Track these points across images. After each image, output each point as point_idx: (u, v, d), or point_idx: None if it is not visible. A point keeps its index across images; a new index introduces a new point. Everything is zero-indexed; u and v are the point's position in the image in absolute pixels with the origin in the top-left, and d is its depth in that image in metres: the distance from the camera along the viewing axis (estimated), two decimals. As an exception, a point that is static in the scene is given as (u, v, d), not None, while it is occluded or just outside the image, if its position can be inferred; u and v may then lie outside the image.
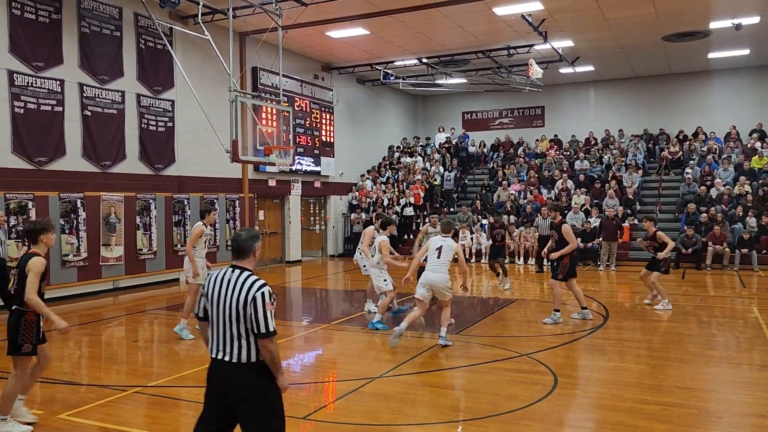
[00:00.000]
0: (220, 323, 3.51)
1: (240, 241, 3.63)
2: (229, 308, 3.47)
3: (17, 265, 5.16)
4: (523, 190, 20.51)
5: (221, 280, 3.56)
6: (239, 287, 3.47)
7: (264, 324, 3.41)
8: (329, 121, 20.68)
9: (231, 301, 3.46)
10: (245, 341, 3.46)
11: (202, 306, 3.67)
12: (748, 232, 16.03)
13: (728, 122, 21.39)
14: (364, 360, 7.74)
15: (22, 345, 5.02)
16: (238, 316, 3.45)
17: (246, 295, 3.44)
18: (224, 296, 3.49)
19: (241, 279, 3.50)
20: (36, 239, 5.15)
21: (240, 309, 3.44)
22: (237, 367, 3.46)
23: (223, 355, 3.50)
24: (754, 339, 8.38)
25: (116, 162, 13.37)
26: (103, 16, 13.04)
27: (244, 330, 3.45)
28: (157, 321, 10.34)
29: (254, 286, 3.45)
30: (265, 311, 3.42)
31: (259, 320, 3.41)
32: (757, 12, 15.23)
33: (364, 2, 13.92)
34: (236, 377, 3.47)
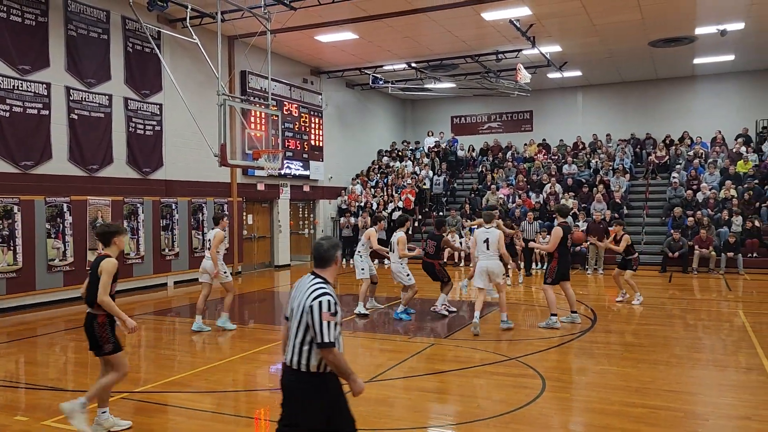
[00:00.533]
0: (291, 328, 3.55)
1: (322, 250, 3.62)
2: (297, 313, 3.50)
3: (89, 268, 5.16)
4: (512, 194, 20.59)
5: (299, 285, 3.61)
6: (304, 294, 3.49)
7: (320, 334, 3.38)
8: (318, 125, 20.67)
9: (299, 306, 3.50)
10: (305, 348, 3.45)
11: (289, 307, 3.70)
12: (733, 236, 16.18)
13: (714, 127, 21.62)
14: (352, 364, 7.70)
15: (103, 346, 5.16)
16: (300, 322, 3.47)
17: (305, 303, 3.46)
18: (297, 301, 3.53)
19: (308, 285, 3.52)
20: (109, 241, 5.26)
21: (301, 315, 3.47)
22: (293, 372, 3.49)
23: (286, 359, 3.55)
24: (740, 342, 8.45)
25: (103, 166, 13.28)
26: (90, 19, 12.97)
27: (303, 337, 3.46)
28: (145, 326, 10.26)
29: (313, 294, 3.44)
30: (321, 321, 3.38)
31: (315, 330, 3.39)
32: (742, 18, 15.42)
33: (353, 6, 13.94)
34: (289, 381, 3.51)
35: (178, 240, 14.95)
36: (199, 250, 15.54)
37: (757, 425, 5.31)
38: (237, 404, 6.23)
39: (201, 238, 15.62)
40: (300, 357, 3.45)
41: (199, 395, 6.33)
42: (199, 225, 15.60)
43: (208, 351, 8.50)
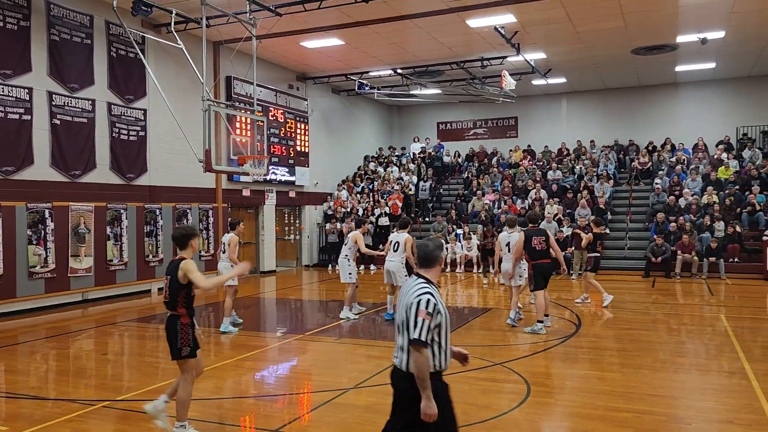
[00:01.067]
0: (398, 329, 3.54)
1: (428, 251, 3.63)
2: (402, 315, 3.50)
3: (167, 272, 5.23)
4: (498, 200, 20.69)
5: (404, 287, 3.63)
6: (409, 294, 3.50)
7: (412, 329, 3.37)
8: (304, 131, 20.64)
9: (403, 308, 3.50)
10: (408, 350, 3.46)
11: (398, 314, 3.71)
12: (715, 241, 16.37)
13: (695, 133, 21.89)
14: (338, 371, 7.69)
15: (181, 349, 5.20)
16: (404, 323, 3.47)
17: (407, 301, 3.47)
18: (402, 303, 3.54)
19: (413, 286, 3.53)
20: (186, 244, 5.31)
21: (406, 315, 3.46)
22: (403, 374, 3.47)
23: (395, 361, 3.54)
24: (723, 346, 8.54)
25: (86, 171, 13.15)
26: (73, 24, 12.87)
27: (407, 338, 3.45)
28: (128, 333, 10.16)
29: (416, 293, 3.45)
30: (416, 317, 3.38)
31: (410, 325, 3.39)
32: (722, 27, 15.65)
33: (339, 13, 13.97)
34: (400, 383, 3.50)
35: (162, 246, 14.83)
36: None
37: (739, 428, 5.37)
38: (221, 411, 6.17)
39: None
40: (409, 359, 3.45)
41: (182, 403, 6.26)
42: (184, 231, 15.47)
43: (192, 358, 8.42)
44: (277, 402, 6.35)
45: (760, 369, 7.21)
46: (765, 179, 18.70)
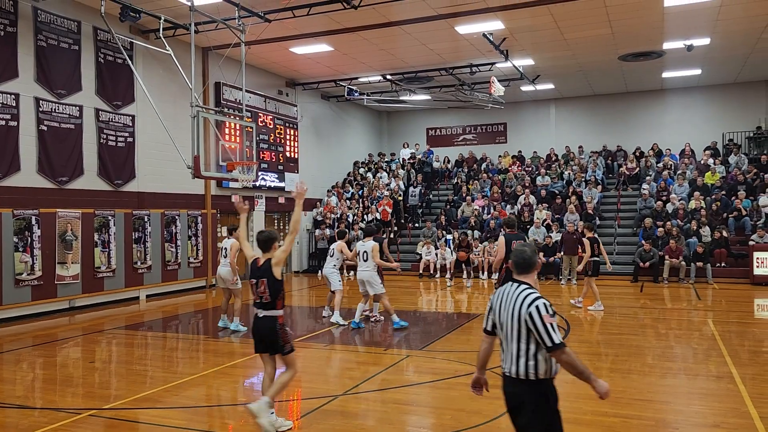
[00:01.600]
0: (506, 338, 3.53)
1: (526, 257, 3.63)
2: (510, 323, 3.49)
3: (259, 275, 5.48)
4: (487, 206, 20.76)
5: (504, 295, 3.59)
6: (516, 302, 3.49)
7: (547, 338, 3.37)
8: (293, 137, 20.63)
9: (511, 316, 3.49)
10: (529, 357, 3.44)
11: (490, 320, 3.68)
12: (702, 246, 16.50)
13: (682, 139, 22.09)
14: (327, 377, 7.68)
15: (285, 346, 5.50)
16: (519, 331, 3.46)
17: (520, 310, 3.45)
18: (506, 311, 3.52)
19: (517, 293, 3.52)
20: (270, 247, 5.69)
21: (518, 324, 3.46)
22: (519, 382, 3.47)
23: (507, 370, 3.52)
24: (710, 350, 8.60)
25: (73, 178, 13.07)
26: (60, 30, 12.80)
27: (525, 345, 3.45)
28: (116, 341, 10.08)
29: (527, 300, 3.45)
30: (544, 324, 3.38)
31: (541, 335, 3.38)
32: (708, 34, 15.83)
33: (328, 19, 13.99)
34: (515, 392, 3.50)
35: (151, 253, 14.75)
36: (172, 262, 15.36)
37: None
38: (210, 420, 6.14)
39: (174, 250, 15.43)
40: (526, 367, 3.45)
41: (171, 411, 6.23)
42: (173, 237, 15.41)
43: (180, 366, 8.38)
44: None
45: (747, 373, 7.27)
46: (751, 184, 18.90)
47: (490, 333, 3.71)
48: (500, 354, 3.61)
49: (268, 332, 5.48)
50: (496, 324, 3.63)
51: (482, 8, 13.55)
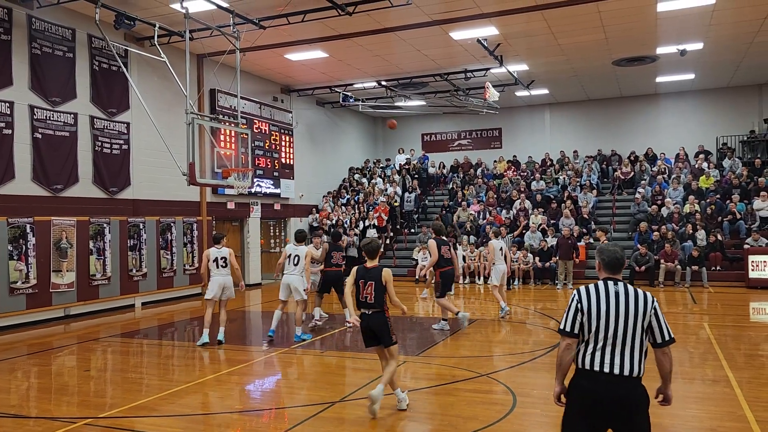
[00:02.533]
0: (617, 337, 3.46)
1: (618, 256, 3.65)
2: (626, 321, 3.46)
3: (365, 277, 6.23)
4: (482, 211, 20.78)
5: (606, 293, 3.53)
6: (633, 299, 3.49)
7: (668, 331, 3.51)
8: (289, 143, 20.64)
9: (629, 314, 3.46)
10: (640, 355, 3.47)
11: (578, 322, 3.56)
12: (697, 250, 16.54)
13: (677, 143, 22.18)
14: (323, 384, 7.65)
15: (392, 337, 6.24)
16: (636, 328, 3.46)
17: (643, 307, 3.48)
18: (621, 310, 3.47)
19: (632, 291, 3.53)
20: (376, 254, 6.37)
21: (643, 319, 3.47)
22: (633, 382, 3.45)
23: (619, 369, 3.44)
24: (706, 354, 8.62)
25: (68, 185, 13.04)
26: (55, 37, 12.80)
27: (642, 342, 3.47)
28: (111, 349, 10.04)
29: (648, 297, 3.53)
30: (664, 320, 3.54)
31: (663, 329, 3.50)
32: (701, 39, 15.92)
33: (322, 25, 14.03)
34: (632, 393, 3.44)
35: (146, 260, 14.71)
36: (168, 270, 15.32)
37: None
38: (207, 428, 6.11)
39: (169, 258, 15.39)
40: (640, 364, 3.46)
41: (167, 419, 6.20)
42: (168, 245, 15.37)
43: (176, 373, 8.34)
44: (262, 416, 6.30)
45: (743, 377, 7.28)
46: (745, 188, 18.97)
47: (576, 336, 3.57)
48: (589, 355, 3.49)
49: (378, 326, 6.17)
50: (588, 325, 3.51)
51: (476, 14, 13.60)
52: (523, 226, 19.08)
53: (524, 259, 17.65)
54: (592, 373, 3.46)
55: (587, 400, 3.47)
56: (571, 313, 3.58)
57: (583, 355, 3.52)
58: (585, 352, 3.52)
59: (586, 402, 3.48)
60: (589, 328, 3.50)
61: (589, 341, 3.51)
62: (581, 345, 3.55)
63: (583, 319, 3.52)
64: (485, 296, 15.60)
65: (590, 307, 3.52)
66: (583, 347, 3.54)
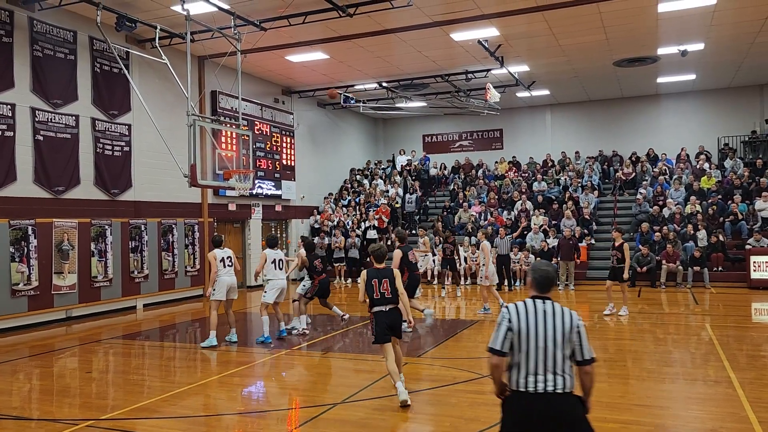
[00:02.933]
0: (547, 355, 3.47)
1: (550, 275, 3.69)
2: (554, 339, 3.48)
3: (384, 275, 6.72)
4: (484, 212, 20.77)
5: (535, 312, 3.54)
6: (560, 317, 3.52)
7: (588, 350, 3.54)
8: (290, 145, 20.65)
9: (554, 332, 3.48)
10: (570, 370, 3.50)
11: (508, 341, 3.52)
12: (699, 250, 16.52)
13: (678, 144, 22.17)
14: (326, 385, 7.65)
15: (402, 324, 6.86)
16: (562, 345, 3.48)
17: (570, 325, 3.51)
18: (549, 328, 3.50)
19: (558, 310, 3.56)
20: (384, 259, 6.85)
21: (569, 337, 3.49)
22: (566, 398, 3.45)
23: (551, 386, 3.44)
24: (708, 355, 8.60)
25: (70, 187, 13.05)
26: (56, 40, 12.81)
27: (565, 359, 3.49)
28: (113, 350, 10.04)
29: (574, 316, 3.57)
30: (587, 339, 3.57)
31: (584, 347, 3.52)
32: (702, 39, 15.91)
33: (323, 27, 14.03)
34: (564, 408, 3.44)
35: (148, 262, 14.72)
36: (169, 271, 15.33)
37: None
38: (208, 429, 6.11)
39: (171, 259, 15.40)
40: (570, 378, 3.47)
41: (168, 421, 6.21)
42: (169, 246, 15.38)
43: (178, 375, 8.35)
44: (264, 418, 6.30)
45: (745, 377, 7.27)
46: (747, 188, 18.95)
47: (505, 354, 3.55)
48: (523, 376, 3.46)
49: (397, 318, 6.67)
50: (518, 344, 3.50)
51: (477, 15, 13.61)
52: (522, 228, 19.05)
53: (525, 260, 17.63)
54: (525, 394, 3.45)
55: (524, 421, 3.46)
56: (501, 331, 3.54)
57: (517, 376, 3.50)
58: (518, 373, 3.50)
59: (522, 423, 3.47)
60: (519, 347, 3.49)
61: (520, 360, 3.49)
62: (513, 365, 3.53)
63: (513, 338, 3.51)
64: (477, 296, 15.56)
65: (520, 326, 3.51)
66: (515, 368, 3.52)
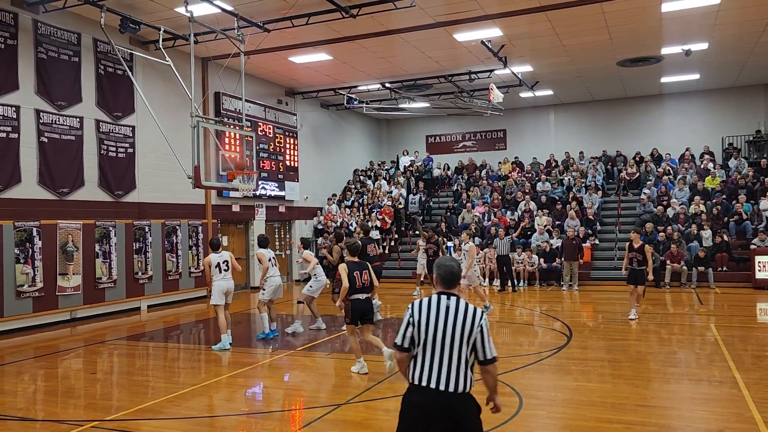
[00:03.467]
0: (444, 352, 3.42)
1: (454, 270, 3.62)
2: (453, 336, 3.42)
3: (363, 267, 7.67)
4: (487, 212, 20.75)
5: (438, 307, 3.50)
6: (461, 315, 3.46)
7: (490, 350, 3.48)
8: (293, 146, 20.66)
9: (454, 329, 3.43)
10: (467, 369, 3.45)
11: (409, 336, 3.52)
12: (703, 250, 16.48)
13: (682, 144, 22.12)
14: (330, 386, 7.66)
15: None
16: (461, 343, 3.42)
17: (471, 322, 3.44)
18: (449, 324, 3.45)
19: (462, 306, 3.49)
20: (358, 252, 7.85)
21: (468, 336, 3.43)
22: (458, 397, 3.40)
23: (444, 385, 3.40)
24: (713, 355, 8.58)
25: (74, 189, 13.08)
26: (61, 42, 12.86)
27: (466, 358, 3.43)
28: (117, 352, 10.07)
29: (477, 313, 3.49)
30: (490, 338, 3.50)
31: (486, 347, 3.46)
32: (706, 39, 15.87)
33: (326, 28, 14.05)
34: (456, 407, 3.39)
35: (152, 263, 14.75)
36: (173, 272, 15.35)
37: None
38: (212, 430, 6.12)
39: (175, 260, 15.43)
40: (465, 379, 3.42)
41: (172, 422, 6.22)
42: (173, 247, 15.41)
43: (182, 376, 8.36)
44: (268, 419, 6.30)
45: (750, 378, 7.25)
46: (751, 188, 18.89)
47: (407, 350, 3.53)
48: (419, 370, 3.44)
49: (371, 308, 7.67)
50: (418, 339, 3.48)
51: (480, 16, 13.60)
52: (522, 227, 18.91)
53: (529, 261, 17.62)
54: (420, 389, 3.43)
55: (416, 415, 3.44)
56: (403, 326, 3.54)
57: (413, 369, 3.48)
58: (415, 367, 3.48)
59: (415, 417, 3.45)
60: (418, 341, 3.47)
61: (418, 355, 3.47)
62: (413, 358, 3.51)
63: (414, 332, 3.48)
64: (492, 298, 15.57)
65: (420, 320, 3.48)
66: (413, 361, 3.50)
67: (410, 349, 3.51)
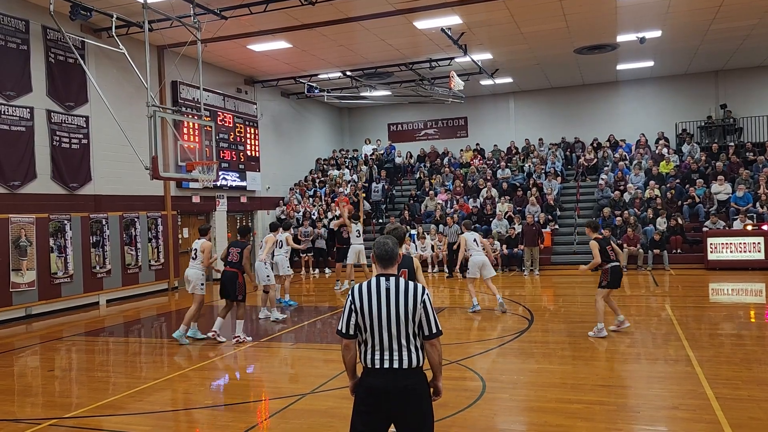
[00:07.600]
0: (391, 333, 3.43)
1: (389, 249, 3.58)
2: (397, 316, 3.42)
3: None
4: (450, 200, 20.90)
5: (378, 291, 3.47)
6: (403, 293, 3.45)
7: (435, 324, 3.47)
8: (254, 135, 20.41)
9: (400, 308, 3.43)
10: (417, 345, 3.46)
11: (353, 323, 3.49)
12: (658, 234, 16.94)
13: (637, 130, 22.65)
14: (295, 376, 7.64)
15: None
16: (407, 321, 3.42)
17: (414, 300, 3.44)
18: (392, 306, 3.44)
19: (402, 286, 3.48)
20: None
21: (414, 313, 3.43)
22: (406, 373, 3.43)
23: (396, 362, 3.43)
24: (669, 335, 8.85)
25: (26, 182, 12.68)
26: (8, 29, 12.38)
27: (412, 335, 3.44)
28: (75, 348, 9.83)
29: (419, 289, 3.48)
30: (434, 312, 3.49)
31: (431, 321, 3.46)
32: (659, 26, 16.23)
33: (285, 15, 13.87)
34: (406, 383, 3.42)
35: (110, 257, 14.42)
36: (133, 266, 15.05)
37: (684, 414, 5.58)
38: (176, 424, 6.04)
39: (134, 253, 15.11)
40: (417, 354, 3.45)
41: (135, 417, 6.12)
42: (132, 240, 15.09)
43: (144, 370, 8.22)
44: (233, 411, 6.25)
45: (703, 356, 7.51)
46: (703, 172, 19.47)
47: (353, 336, 3.53)
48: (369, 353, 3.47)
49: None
50: (363, 324, 3.49)
51: (440, 3, 13.62)
52: (474, 214, 19.05)
53: (491, 247, 17.83)
54: (373, 371, 3.49)
55: (371, 396, 3.50)
56: (345, 313, 3.56)
57: (364, 353, 3.54)
58: (365, 351, 3.53)
59: (369, 398, 3.51)
60: (364, 326, 3.51)
61: (367, 339, 3.52)
62: (361, 343, 3.56)
63: (358, 318, 3.51)
64: (461, 284, 15.72)
65: (362, 305, 3.50)
66: (363, 346, 3.55)
67: (356, 335, 3.54)
